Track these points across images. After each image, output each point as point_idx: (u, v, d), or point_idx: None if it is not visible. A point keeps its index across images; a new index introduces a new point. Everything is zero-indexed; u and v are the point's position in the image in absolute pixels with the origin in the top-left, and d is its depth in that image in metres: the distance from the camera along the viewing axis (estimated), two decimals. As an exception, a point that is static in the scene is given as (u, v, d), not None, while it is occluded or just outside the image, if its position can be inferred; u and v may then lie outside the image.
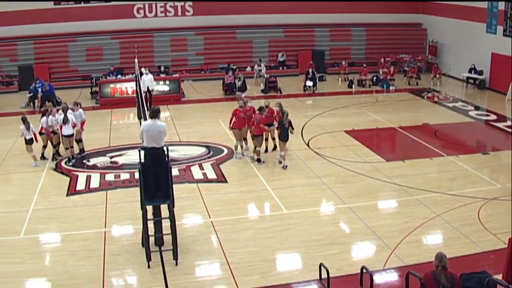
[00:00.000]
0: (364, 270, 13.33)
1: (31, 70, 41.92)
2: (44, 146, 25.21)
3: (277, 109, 25.17)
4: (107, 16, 44.42)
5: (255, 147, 24.26)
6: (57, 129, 24.95)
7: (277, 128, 24.14)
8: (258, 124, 23.80)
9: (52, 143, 25.44)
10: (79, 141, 25.73)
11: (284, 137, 23.58)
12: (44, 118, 24.76)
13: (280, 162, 23.85)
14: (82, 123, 25.60)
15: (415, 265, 15.02)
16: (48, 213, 20.12)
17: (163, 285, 15.08)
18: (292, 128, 23.90)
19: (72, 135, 24.58)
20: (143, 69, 35.12)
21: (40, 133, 24.97)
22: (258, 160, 24.14)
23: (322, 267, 14.22)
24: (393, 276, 15.30)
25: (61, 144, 25.14)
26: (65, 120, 24.16)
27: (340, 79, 43.24)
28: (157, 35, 45.41)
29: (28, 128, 24.81)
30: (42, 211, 20.30)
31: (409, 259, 15.93)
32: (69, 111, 24.81)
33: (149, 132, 15.89)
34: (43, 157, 25.22)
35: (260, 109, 24.24)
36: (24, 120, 24.97)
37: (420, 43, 47.79)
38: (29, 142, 24.91)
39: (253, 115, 24.47)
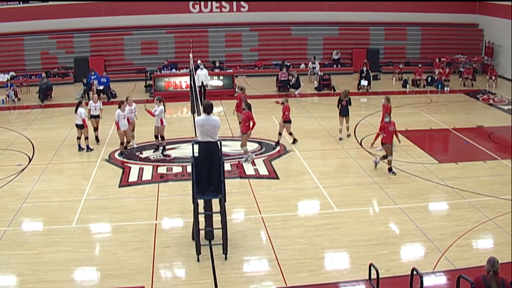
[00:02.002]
0: (415, 272, 13.26)
1: (86, 62, 42.64)
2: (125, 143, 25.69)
3: (383, 101, 25.88)
4: (163, 11, 44.86)
5: (384, 156, 23.25)
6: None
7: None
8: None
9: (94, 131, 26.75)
10: (162, 138, 25.85)
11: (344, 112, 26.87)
12: (119, 110, 24.99)
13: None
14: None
15: (465, 269, 14.85)
16: (100, 203, 20.48)
17: (211, 279, 15.18)
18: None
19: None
20: (199, 61, 35.40)
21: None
22: (390, 170, 23.04)
23: (372, 267, 14.18)
24: (442, 279, 15.16)
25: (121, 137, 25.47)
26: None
27: (394, 78, 42.99)
28: (212, 30, 45.69)
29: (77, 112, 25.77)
30: (95, 201, 20.67)
31: (459, 262, 15.75)
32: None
33: (203, 127, 16.03)
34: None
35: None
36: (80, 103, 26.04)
37: (476, 44, 47.20)
38: (79, 127, 25.75)
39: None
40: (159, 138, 25.69)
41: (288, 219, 18.83)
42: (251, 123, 23.95)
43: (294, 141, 26.54)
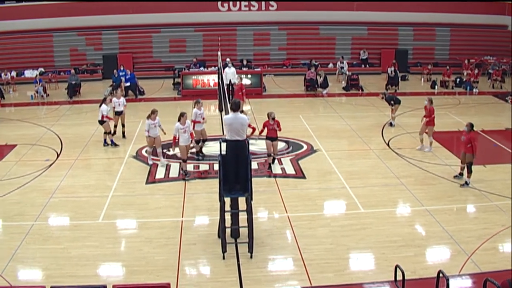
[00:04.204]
0: (441, 275, 13.19)
1: (115, 59, 42.94)
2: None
3: (425, 103, 25.67)
4: (192, 9, 44.99)
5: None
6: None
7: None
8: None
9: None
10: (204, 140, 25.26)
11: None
12: (178, 123, 23.28)
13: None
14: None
15: (491, 273, 14.67)
16: (127, 199, 20.60)
17: (236, 277, 15.20)
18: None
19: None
20: (227, 59, 35.47)
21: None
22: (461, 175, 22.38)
23: (397, 269, 14.12)
24: (468, 282, 15.05)
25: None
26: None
27: (423, 79, 42.80)
28: (241, 28, 45.78)
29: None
30: (121, 197, 20.80)
31: (485, 266, 15.61)
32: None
33: (232, 125, 16.07)
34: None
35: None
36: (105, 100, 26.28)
37: (505, 46, 46.57)
38: (99, 123, 26.14)
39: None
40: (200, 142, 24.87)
41: (314, 218, 18.79)
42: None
43: (273, 161, 24.06)
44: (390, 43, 46.79)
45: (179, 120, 22.48)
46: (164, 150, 24.54)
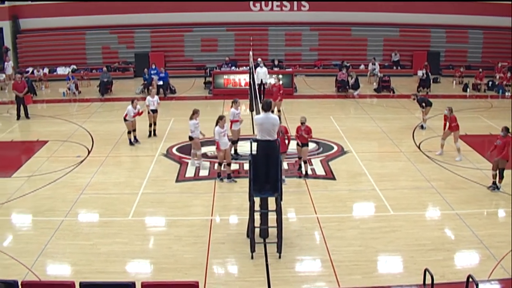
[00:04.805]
0: (470, 279, 13.09)
1: (147, 58, 43.18)
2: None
3: (446, 112, 25.40)
4: (224, 8, 45.09)
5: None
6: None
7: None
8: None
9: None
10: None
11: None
12: (217, 127, 22.47)
13: None
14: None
15: (521, 278, 14.66)
16: (157, 197, 20.72)
17: (264, 277, 15.19)
18: None
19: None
20: (259, 59, 35.49)
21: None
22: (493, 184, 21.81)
23: (427, 273, 14.04)
24: None
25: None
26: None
27: (455, 82, 42.51)
28: (272, 29, 45.86)
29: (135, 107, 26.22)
30: (151, 195, 20.93)
31: (515, 271, 15.53)
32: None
33: (263, 125, 16.10)
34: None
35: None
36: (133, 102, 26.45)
37: (539, 49, 46.33)
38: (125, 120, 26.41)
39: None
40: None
41: (344, 220, 18.75)
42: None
43: (300, 167, 23.32)
44: (422, 45, 46.45)
45: (217, 124, 21.83)
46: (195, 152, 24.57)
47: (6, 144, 27.55)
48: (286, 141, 21.86)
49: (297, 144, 22.73)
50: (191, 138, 23.47)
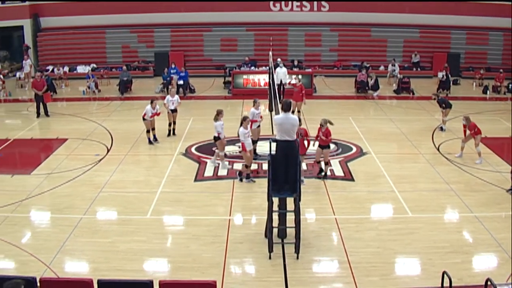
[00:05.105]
0: (489, 283, 13.01)
1: (166, 57, 43.39)
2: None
3: (463, 122, 25.28)
4: (244, 8, 45.22)
5: None
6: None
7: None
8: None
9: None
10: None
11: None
12: (241, 128, 22.35)
13: None
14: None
15: (540, 282, 14.55)
16: (175, 196, 20.75)
17: (282, 277, 15.17)
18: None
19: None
20: (278, 59, 35.50)
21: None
22: None
23: (445, 275, 13.97)
24: (516, 291, 14.88)
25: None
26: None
27: (474, 84, 42.27)
28: (292, 29, 45.90)
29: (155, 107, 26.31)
30: (170, 194, 20.96)
31: (534, 275, 15.41)
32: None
33: (282, 126, 16.09)
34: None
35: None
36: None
37: (561, 51, 46.00)
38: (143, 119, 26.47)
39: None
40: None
41: (362, 221, 18.71)
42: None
43: (320, 171, 23.19)
44: (442, 46, 46.27)
45: (241, 125, 21.93)
46: (214, 148, 24.58)
47: (26, 142, 27.73)
48: (306, 144, 21.88)
49: (318, 146, 22.66)
50: (216, 139, 23.38)
